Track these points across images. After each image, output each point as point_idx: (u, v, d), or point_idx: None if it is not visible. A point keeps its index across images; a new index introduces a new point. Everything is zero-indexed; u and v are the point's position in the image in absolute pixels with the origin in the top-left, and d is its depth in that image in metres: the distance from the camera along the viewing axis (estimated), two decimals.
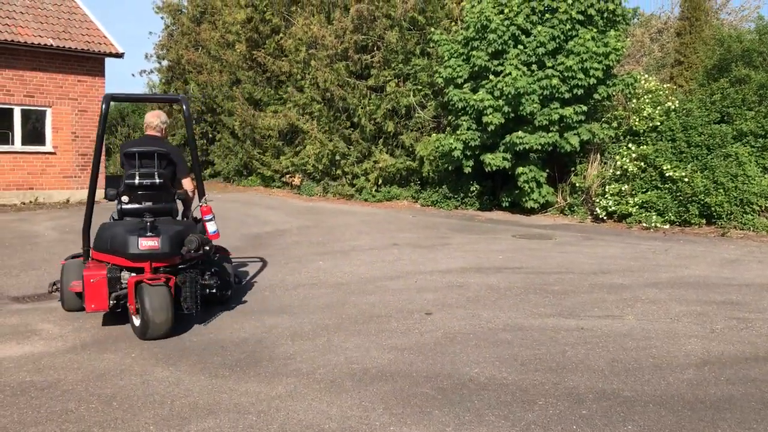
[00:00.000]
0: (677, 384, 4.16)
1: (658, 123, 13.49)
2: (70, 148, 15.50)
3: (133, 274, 5.03)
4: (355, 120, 16.98)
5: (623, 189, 12.92)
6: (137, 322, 4.98)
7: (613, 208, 12.95)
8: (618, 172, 13.21)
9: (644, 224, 12.32)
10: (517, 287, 6.91)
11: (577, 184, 14.06)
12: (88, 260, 5.50)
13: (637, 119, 13.73)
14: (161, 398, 3.85)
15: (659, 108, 13.62)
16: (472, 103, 13.52)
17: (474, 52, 13.63)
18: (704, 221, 12.31)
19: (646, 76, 14.86)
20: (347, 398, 3.87)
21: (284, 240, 10.10)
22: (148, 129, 5.97)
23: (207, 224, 5.67)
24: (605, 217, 13.20)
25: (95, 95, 15.62)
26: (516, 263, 8.35)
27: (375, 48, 16.73)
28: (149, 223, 5.00)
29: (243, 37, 20.02)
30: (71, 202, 15.19)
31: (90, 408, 3.71)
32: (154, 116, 5.92)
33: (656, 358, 4.65)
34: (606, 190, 13.20)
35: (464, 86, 14.07)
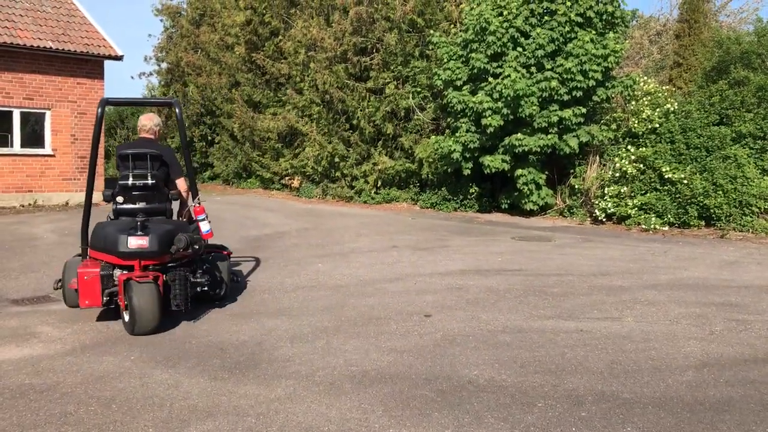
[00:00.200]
0: (676, 386, 4.16)
1: (657, 125, 13.50)
2: (70, 151, 15.50)
3: (125, 272, 5.19)
4: (355, 122, 16.99)
5: (622, 191, 12.93)
6: (127, 318, 5.14)
7: (613, 210, 12.96)
8: (617, 174, 13.22)
9: (643, 226, 12.32)
10: (517, 289, 6.92)
11: (577, 186, 14.07)
12: (86, 258, 5.66)
13: (636, 121, 13.74)
14: (160, 401, 3.85)
15: (658, 110, 13.63)
16: (471, 105, 13.53)
17: (473, 55, 13.65)
18: (703, 223, 12.33)
19: (645, 78, 14.88)
20: (346, 400, 3.87)
21: (283, 242, 10.10)
22: (142, 132, 6.14)
23: (200, 224, 5.82)
24: (604, 219, 13.21)
25: (94, 98, 15.60)
26: (515, 265, 8.35)
27: (374, 50, 16.75)
28: (140, 223, 5.16)
29: (242, 40, 20.04)
30: (70, 205, 15.19)
31: (89, 411, 3.71)
32: (148, 119, 6.11)
33: (655, 360, 4.65)
34: (605, 192, 13.21)
35: (463, 88, 14.08)
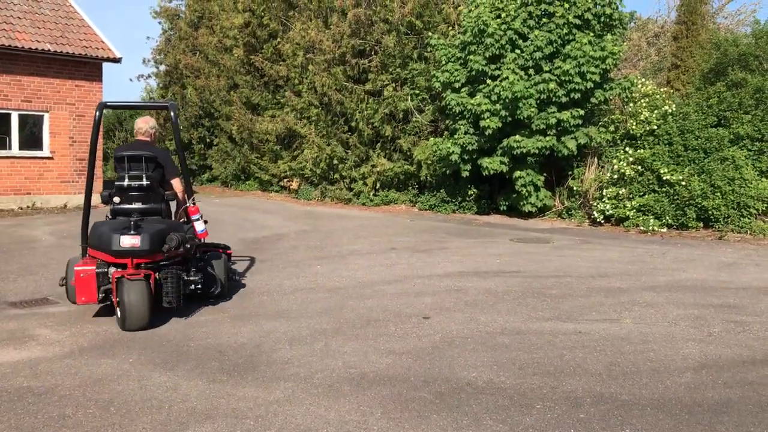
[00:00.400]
0: (675, 387, 4.16)
1: (655, 127, 13.52)
2: (68, 153, 15.49)
3: (119, 269, 5.36)
4: (353, 124, 17.00)
5: (621, 193, 12.94)
6: (119, 314, 5.30)
7: (611, 212, 12.98)
8: (615, 176, 13.23)
9: (642, 228, 12.33)
10: (515, 291, 6.92)
11: (575, 188, 14.08)
12: (85, 256, 5.86)
13: (635, 123, 13.76)
14: (159, 403, 3.84)
15: (656, 112, 13.65)
16: (470, 108, 13.53)
17: (471, 57, 13.66)
18: (701, 224, 12.34)
19: (643, 80, 14.92)
20: (345, 403, 3.87)
21: (282, 244, 10.10)
22: (139, 134, 6.40)
23: (195, 224, 6.04)
24: (603, 221, 13.22)
25: (93, 100, 15.61)
26: (514, 267, 8.36)
27: (372, 52, 16.76)
28: (133, 222, 5.34)
29: (240, 42, 20.04)
30: (69, 207, 15.18)
31: (87, 413, 3.70)
32: (144, 122, 6.37)
33: (654, 362, 4.66)
34: (603, 194, 13.22)
35: (462, 90, 14.10)
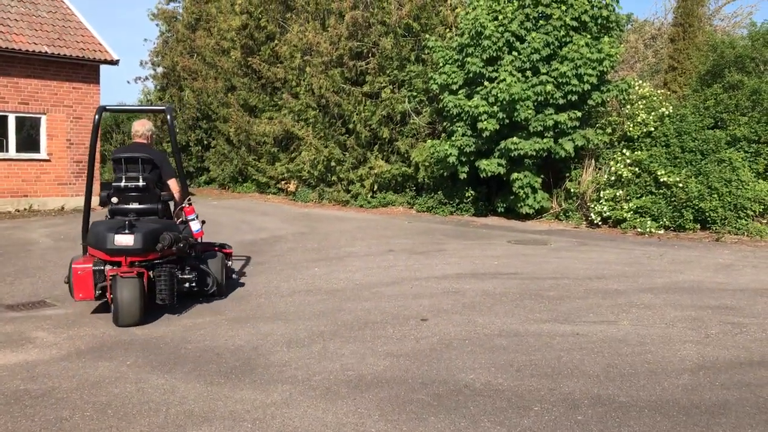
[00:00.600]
0: (672, 389, 4.17)
1: (653, 128, 13.55)
2: (65, 156, 15.46)
3: (114, 267, 5.54)
4: (351, 126, 17.00)
5: (618, 194, 12.96)
6: (113, 310, 5.46)
7: (608, 214, 12.99)
8: (612, 178, 13.26)
9: (639, 229, 12.35)
10: (513, 293, 6.92)
11: (572, 190, 14.10)
12: (85, 255, 6.03)
13: (632, 125, 13.79)
14: (156, 406, 3.84)
15: (653, 114, 13.69)
16: (467, 110, 13.55)
17: (469, 59, 13.68)
18: (698, 226, 12.37)
19: (640, 82, 14.95)
20: (343, 405, 3.87)
21: (279, 246, 10.09)
22: (136, 137, 6.50)
23: (191, 223, 6.20)
24: (600, 223, 13.24)
25: (90, 102, 15.59)
26: (511, 269, 8.36)
27: (370, 54, 16.77)
28: (128, 222, 5.52)
29: (238, 44, 20.04)
30: (66, 210, 15.14)
31: (84, 416, 3.69)
32: (140, 125, 6.48)
33: (651, 364, 4.66)
34: (601, 196, 13.24)
35: (459, 92, 14.12)
